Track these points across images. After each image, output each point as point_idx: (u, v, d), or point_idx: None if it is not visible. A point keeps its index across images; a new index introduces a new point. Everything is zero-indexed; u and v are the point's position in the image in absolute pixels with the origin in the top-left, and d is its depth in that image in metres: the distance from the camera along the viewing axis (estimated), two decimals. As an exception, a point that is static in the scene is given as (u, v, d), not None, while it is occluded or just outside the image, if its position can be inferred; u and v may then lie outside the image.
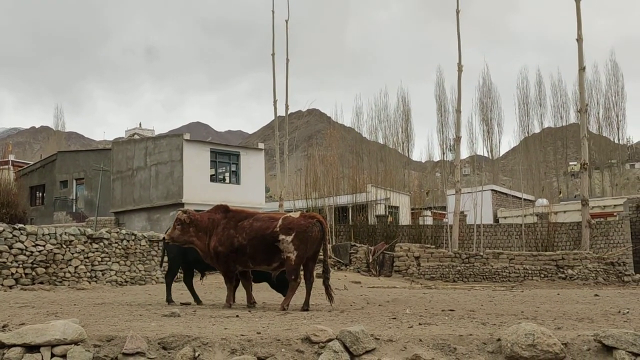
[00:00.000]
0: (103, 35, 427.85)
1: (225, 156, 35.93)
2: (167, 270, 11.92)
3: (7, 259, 16.10)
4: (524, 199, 44.37)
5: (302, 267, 9.78)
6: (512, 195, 50.03)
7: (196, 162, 33.82)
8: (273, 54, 36.89)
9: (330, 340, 5.37)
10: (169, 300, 11.18)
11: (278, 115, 37.46)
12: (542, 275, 25.32)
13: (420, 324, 6.76)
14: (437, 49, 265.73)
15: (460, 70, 34.61)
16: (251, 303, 10.22)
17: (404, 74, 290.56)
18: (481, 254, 26.85)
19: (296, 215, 9.90)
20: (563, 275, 25.18)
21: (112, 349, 5.37)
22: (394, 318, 7.67)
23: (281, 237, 9.49)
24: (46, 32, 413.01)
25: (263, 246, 9.61)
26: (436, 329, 6.20)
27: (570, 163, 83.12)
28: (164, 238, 10.69)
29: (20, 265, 16.35)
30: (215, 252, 9.93)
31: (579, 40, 31.52)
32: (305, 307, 9.51)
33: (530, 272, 25.43)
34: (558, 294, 15.37)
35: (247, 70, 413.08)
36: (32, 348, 5.28)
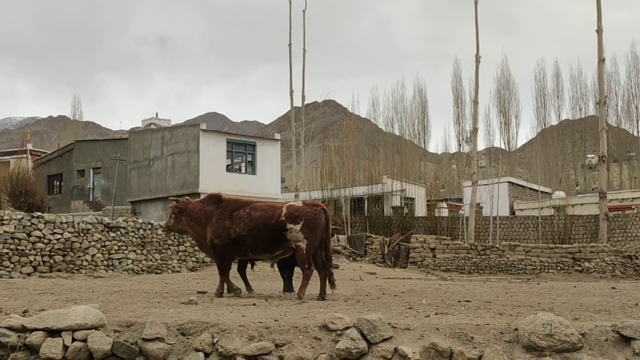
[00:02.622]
0: (116, 25, 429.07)
1: (242, 146, 36.01)
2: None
3: (25, 246, 16.29)
4: (541, 192, 44.16)
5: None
6: (529, 188, 49.78)
7: (212, 152, 33.92)
8: (290, 45, 36.87)
9: (347, 328, 5.42)
10: (249, 289, 11.31)
11: (294, 105, 37.49)
12: (559, 268, 25.22)
13: (436, 313, 6.79)
14: (455, 39, 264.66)
15: (477, 61, 34.42)
16: (233, 289, 10.19)
17: (421, 65, 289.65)
18: (497, 246, 26.76)
19: (299, 204, 9.91)
20: (580, 268, 25.05)
21: (131, 334, 5.45)
22: (410, 308, 7.70)
23: (289, 226, 9.45)
24: (61, 23, 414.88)
25: (266, 236, 9.57)
26: (453, 318, 6.22)
27: (588, 155, 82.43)
28: (161, 227, 10.77)
29: (39, 253, 16.53)
30: (211, 245, 9.89)
31: (599, 31, 31.26)
32: (323, 295, 9.54)
33: (546, 264, 25.33)
34: (575, 287, 15.30)
35: (263, 60, 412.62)
36: (53, 332, 5.37)
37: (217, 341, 5.33)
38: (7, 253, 15.96)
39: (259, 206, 9.91)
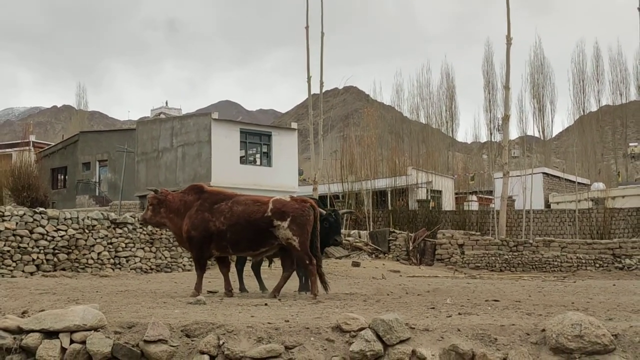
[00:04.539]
0: (122, 7, 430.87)
1: (256, 136, 36.06)
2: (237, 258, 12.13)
3: (27, 244, 16.41)
4: (578, 183, 43.83)
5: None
6: (565, 179, 49.45)
7: (225, 143, 34.01)
8: (307, 27, 36.71)
9: (362, 329, 5.43)
10: (263, 288, 11.52)
11: (312, 93, 37.39)
12: (597, 265, 25.06)
13: (460, 313, 6.77)
14: (485, 20, 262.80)
15: (509, 43, 34.13)
16: (229, 290, 10.21)
17: (448, 48, 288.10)
18: (530, 241, 26.64)
19: (286, 198, 9.93)
20: (620, 265, 24.88)
21: (133, 335, 5.49)
22: (433, 308, 7.69)
23: (276, 222, 9.44)
24: (63, 5, 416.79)
25: (249, 232, 9.57)
26: (477, 318, 6.21)
27: (630, 144, 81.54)
28: (137, 219, 10.79)
29: (42, 251, 16.65)
30: (188, 237, 9.91)
31: (641, 9, 30.92)
32: (274, 293, 9.82)
33: (584, 261, 25.19)
34: (614, 285, 15.21)
35: (278, 44, 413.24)
36: (50, 334, 5.42)
37: (224, 343, 5.35)
38: (8, 251, 16.09)
39: (242, 200, 9.88)
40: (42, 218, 16.98)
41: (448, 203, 44.64)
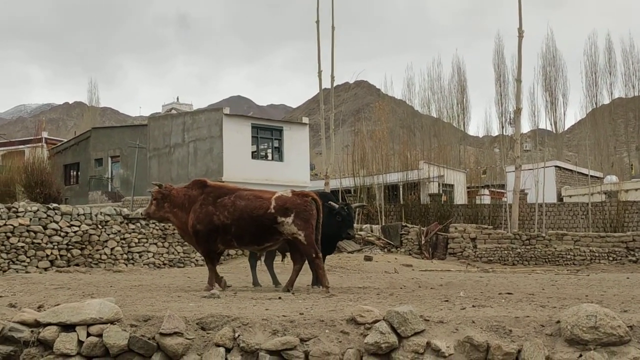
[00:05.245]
0: (133, 4, 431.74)
1: (268, 131, 36.12)
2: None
3: (41, 239, 16.55)
4: (591, 176, 43.65)
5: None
6: (578, 172, 49.21)
7: (236, 138, 34.10)
8: (317, 22, 36.62)
9: (376, 321, 5.44)
10: (276, 282, 11.53)
11: (323, 87, 37.32)
12: (611, 259, 24.95)
13: (474, 306, 6.77)
14: (496, 13, 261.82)
15: (520, 35, 33.97)
16: (222, 285, 10.16)
17: (459, 42, 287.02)
18: (543, 235, 26.54)
19: (288, 194, 9.95)
20: (634, 258, 24.77)
21: (149, 328, 5.53)
22: (447, 300, 7.70)
23: (280, 219, 9.53)
24: (74, 3, 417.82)
25: (253, 227, 9.65)
26: (491, 311, 6.21)
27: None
28: (141, 214, 10.84)
29: (55, 247, 16.79)
30: (194, 231, 9.98)
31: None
32: (289, 287, 9.83)
33: (597, 254, 25.07)
34: (628, 278, 15.13)
35: (289, 39, 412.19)
36: (67, 327, 5.47)
37: (239, 336, 5.39)
38: (22, 247, 16.25)
39: (245, 195, 9.93)
40: (56, 214, 17.12)
41: (460, 197, 44.58)
